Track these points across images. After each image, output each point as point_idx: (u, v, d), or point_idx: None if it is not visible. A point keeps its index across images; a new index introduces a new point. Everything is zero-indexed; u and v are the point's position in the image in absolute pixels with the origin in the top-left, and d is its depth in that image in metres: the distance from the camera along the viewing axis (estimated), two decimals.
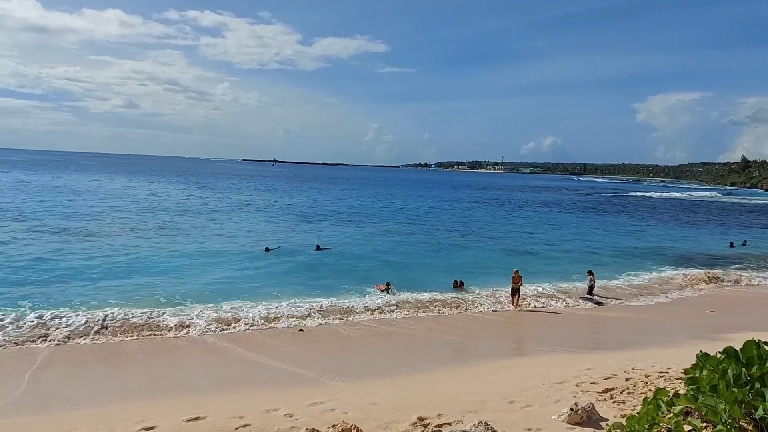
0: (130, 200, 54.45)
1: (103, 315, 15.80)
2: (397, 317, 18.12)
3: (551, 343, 15.85)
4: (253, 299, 18.97)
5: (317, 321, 17.15)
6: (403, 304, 19.53)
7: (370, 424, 8.46)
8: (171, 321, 15.75)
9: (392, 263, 27.67)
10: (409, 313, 18.62)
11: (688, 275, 26.93)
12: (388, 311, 18.66)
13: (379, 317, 18.06)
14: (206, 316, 16.57)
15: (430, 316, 18.44)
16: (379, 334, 16.22)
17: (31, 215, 38.09)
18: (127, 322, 15.55)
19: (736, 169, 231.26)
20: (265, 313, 17.34)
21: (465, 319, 18.20)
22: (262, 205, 57.68)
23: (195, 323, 15.96)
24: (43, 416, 9.90)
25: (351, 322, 17.37)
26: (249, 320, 16.61)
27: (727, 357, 2.75)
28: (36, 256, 24.25)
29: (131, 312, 16.36)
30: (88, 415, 9.85)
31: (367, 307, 18.82)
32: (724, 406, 2.49)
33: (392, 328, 16.94)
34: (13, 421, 9.68)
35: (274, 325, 16.60)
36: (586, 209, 73.20)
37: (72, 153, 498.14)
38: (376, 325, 17.14)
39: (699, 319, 19.29)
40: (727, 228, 53.13)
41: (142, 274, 22.08)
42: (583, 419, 8.32)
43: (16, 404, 10.49)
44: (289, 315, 17.39)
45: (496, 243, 37.22)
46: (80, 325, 15.07)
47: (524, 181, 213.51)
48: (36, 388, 11.28)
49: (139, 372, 12.54)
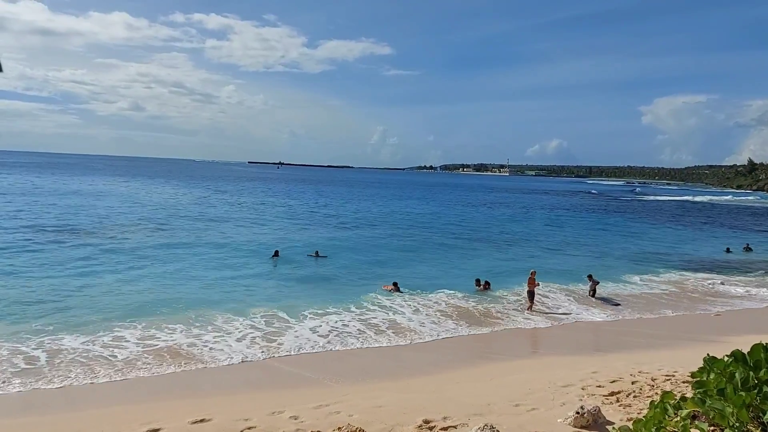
0: (162, 207, 54.55)
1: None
2: (407, 318, 18.02)
3: (557, 345, 15.80)
4: (257, 302, 18.99)
5: (321, 322, 17.10)
6: (412, 301, 19.57)
7: (376, 427, 8.46)
8: (184, 340, 15.31)
9: (399, 264, 27.64)
10: (422, 314, 18.50)
11: (697, 278, 26.87)
12: (398, 311, 18.63)
13: (391, 316, 18.00)
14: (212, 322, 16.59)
15: (439, 317, 18.35)
16: (386, 334, 16.17)
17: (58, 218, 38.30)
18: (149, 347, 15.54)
19: (743, 171, 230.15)
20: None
21: (476, 322, 18.11)
22: (275, 213, 57.64)
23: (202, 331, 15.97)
24: (49, 417, 9.94)
25: (365, 321, 17.30)
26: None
27: (735, 360, 2.74)
28: (61, 266, 24.20)
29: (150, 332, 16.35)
30: (93, 416, 9.89)
31: (374, 307, 18.83)
32: (731, 410, 2.47)
33: (401, 328, 16.87)
34: (19, 421, 9.72)
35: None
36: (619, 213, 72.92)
37: (79, 156, 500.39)
38: (384, 325, 17.07)
39: (706, 322, 19.19)
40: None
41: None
42: (589, 422, 8.29)
43: (21, 404, 10.53)
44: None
45: (517, 245, 37.14)
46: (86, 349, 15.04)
47: (537, 184, 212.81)
48: (42, 389, 11.32)
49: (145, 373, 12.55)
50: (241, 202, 63.23)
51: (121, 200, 56.10)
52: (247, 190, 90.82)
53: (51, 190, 63.84)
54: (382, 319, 17.72)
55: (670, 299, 22.62)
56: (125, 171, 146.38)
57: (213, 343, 14.54)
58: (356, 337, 15.84)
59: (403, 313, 18.61)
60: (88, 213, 42.90)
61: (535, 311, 19.60)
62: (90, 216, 41.01)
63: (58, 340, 14.06)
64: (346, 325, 17.00)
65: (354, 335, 16.05)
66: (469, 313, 18.85)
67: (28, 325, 15.16)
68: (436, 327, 17.21)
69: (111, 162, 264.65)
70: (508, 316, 18.86)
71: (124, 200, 56.42)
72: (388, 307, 19.15)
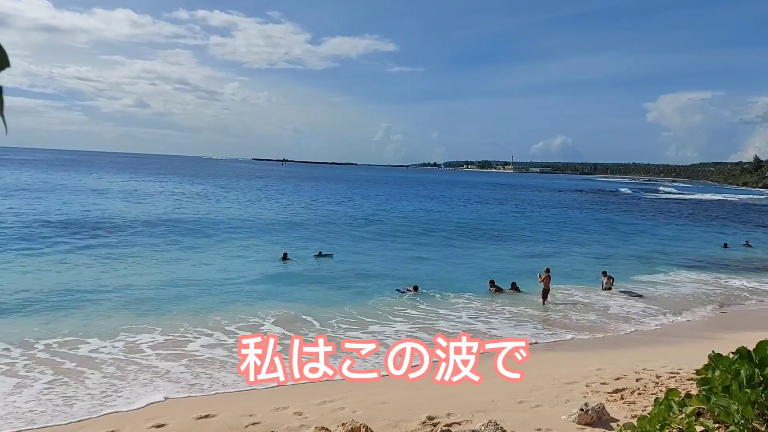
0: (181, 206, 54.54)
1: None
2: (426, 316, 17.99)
3: (561, 342, 15.79)
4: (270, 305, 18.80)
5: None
6: (430, 302, 19.55)
7: (380, 423, 8.47)
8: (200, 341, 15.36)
9: (408, 266, 27.55)
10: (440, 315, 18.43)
11: (701, 276, 26.83)
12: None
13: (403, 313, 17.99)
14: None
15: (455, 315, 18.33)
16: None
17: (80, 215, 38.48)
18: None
19: (749, 168, 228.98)
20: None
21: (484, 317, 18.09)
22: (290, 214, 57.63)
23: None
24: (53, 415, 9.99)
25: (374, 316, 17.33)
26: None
27: (740, 357, 2.74)
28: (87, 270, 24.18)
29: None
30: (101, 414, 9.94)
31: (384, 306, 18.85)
32: (737, 407, 2.47)
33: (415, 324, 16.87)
34: (24, 419, 9.77)
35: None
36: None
37: (84, 152, 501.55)
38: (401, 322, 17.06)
39: (711, 319, 19.14)
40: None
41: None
42: (593, 419, 8.29)
43: (26, 403, 10.59)
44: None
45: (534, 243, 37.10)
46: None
47: (543, 181, 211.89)
48: (49, 386, 11.37)
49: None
50: (248, 200, 63.28)
51: (132, 198, 56.29)
52: (255, 187, 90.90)
53: (70, 187, 64.06)
54: (391, 316, 17.77)
55: (674, 296, 22.55)
56: (133, 168, 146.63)
57: (221, 345, 14.61)
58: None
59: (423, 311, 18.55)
60: (102, 211, 43.16)
61: (543, 308, 19.60)
62: (103, 214, 41.22)
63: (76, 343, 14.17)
64: (353, 319, 17.07)
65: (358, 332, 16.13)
66: (483, 310, 18.85)
67: (39, 324, 15.27)
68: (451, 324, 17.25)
69: (117, 159, 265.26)
70: (516, 314, 18.84)
71: (135, 198, 56.63)
72: (398, 304, 19.15)
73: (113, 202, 50.74)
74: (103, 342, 14.01)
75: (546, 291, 19.98)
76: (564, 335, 16.51)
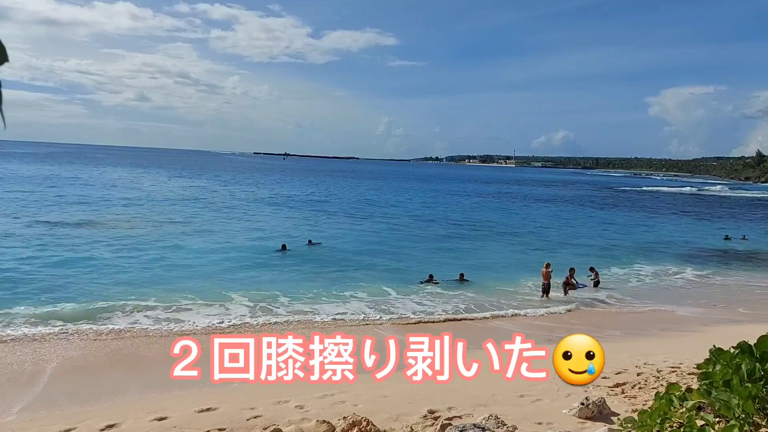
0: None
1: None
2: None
3: (560, 337, 15.78)
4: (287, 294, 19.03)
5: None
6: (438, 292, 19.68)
7: (381, 417, 8.49)
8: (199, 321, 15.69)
9: (416, 257, 27.64)
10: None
11: (698, 269, 26.81)
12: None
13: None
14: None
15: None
16: (384, 326, 16.23)
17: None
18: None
19: (751, 163, 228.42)
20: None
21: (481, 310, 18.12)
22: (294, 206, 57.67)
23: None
24: (58, 411, 10.04)
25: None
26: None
27: (741, 352, 2.73)
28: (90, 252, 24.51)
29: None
30: (100, 407, 9.98)
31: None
32: (737, 402, 2.47)
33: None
34: (28, 416, 9.82)
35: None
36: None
37: (85, 146, 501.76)
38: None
39: (712, 313, 19.14)
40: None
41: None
42: (594, 413, 8.30)
43: (31, 399, 10.64)
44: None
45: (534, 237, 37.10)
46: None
47: (544, 176, 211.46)
48: (52, 382, 11.43)
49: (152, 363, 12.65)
50: (253, 194, 63.28)
51: (136, 192, 56.38)
52: (260, 181, 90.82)
53: (67, 180, 64.14)
54: (392, 308, 17.85)
55: (674, 290, 22.56)
56: (135, 162, 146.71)
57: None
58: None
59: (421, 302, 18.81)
60: (108, 203, 43.27)
61: (540, 302, 19.63)
62: (108, 205, 41.31)
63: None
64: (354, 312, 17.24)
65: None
66: (474, 303, 18.88)
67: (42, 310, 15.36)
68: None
69: (118, 152, 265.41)
70: (512, 306, 18.88)
71: (139, 192, 56.72)
72: (403, 298, 19.23)
73: (114, 193, 50.93)
74: (100, 328, 14.07)
75: (547, 285, 19.96)
76: (562, 331, 16.53)
